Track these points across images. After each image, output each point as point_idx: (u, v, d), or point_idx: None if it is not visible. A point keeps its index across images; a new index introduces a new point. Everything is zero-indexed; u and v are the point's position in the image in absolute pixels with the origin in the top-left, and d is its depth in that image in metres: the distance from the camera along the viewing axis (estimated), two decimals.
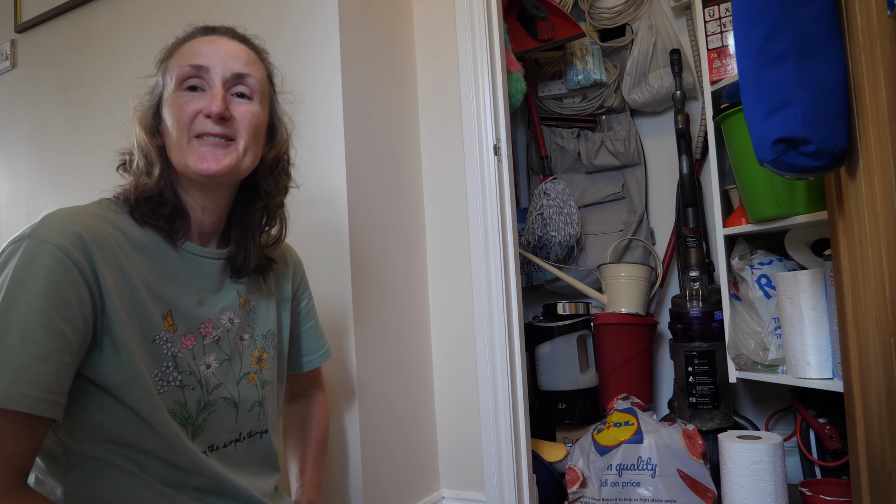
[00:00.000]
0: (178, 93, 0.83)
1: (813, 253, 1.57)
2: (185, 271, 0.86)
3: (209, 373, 0.85)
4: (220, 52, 0.85)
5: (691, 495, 1.55)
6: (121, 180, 0.87)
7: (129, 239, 0.80)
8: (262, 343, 0.95)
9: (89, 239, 0.74)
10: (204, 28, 0.90)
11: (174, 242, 0.85)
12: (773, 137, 0.85)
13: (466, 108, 1.63)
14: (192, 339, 0.84)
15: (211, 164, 0.81)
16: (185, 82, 0.84)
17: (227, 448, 0.87)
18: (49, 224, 0.73)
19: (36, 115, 2.01)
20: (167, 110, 0.84)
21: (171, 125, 0.83)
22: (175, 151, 0.83)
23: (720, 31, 1.73)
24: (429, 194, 1.69)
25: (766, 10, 0.84)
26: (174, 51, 0.88)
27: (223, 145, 0.83)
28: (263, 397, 0.93)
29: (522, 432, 1.57)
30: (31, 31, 2.04)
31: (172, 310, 0.83)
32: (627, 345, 2.11)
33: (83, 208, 0.80)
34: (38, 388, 0.68)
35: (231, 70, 0.85)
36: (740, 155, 1.55)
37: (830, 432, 1.57)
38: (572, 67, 2.38)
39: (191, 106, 0.82)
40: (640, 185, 2.37)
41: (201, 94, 0.84)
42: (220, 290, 0.90)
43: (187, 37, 0.89)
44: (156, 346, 0.80)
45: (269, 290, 0.99)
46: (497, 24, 1.66)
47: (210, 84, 0.84)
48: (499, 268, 1.57)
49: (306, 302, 1.09)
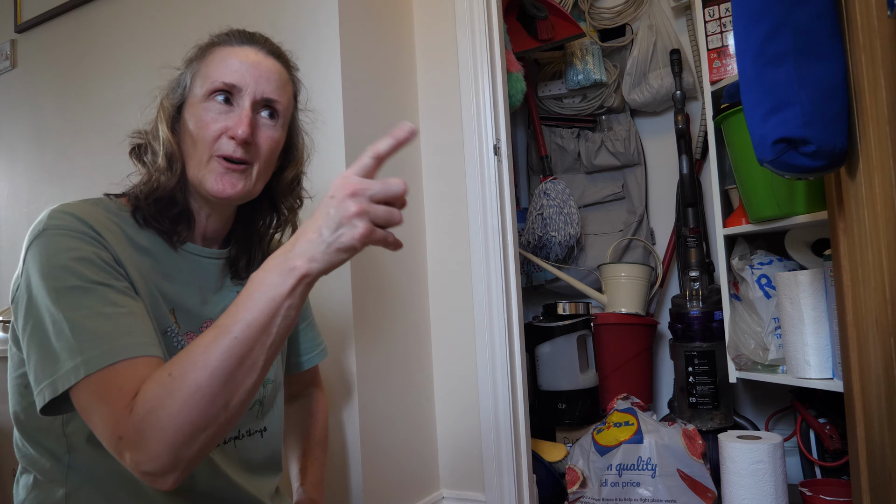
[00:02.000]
0: (206, 105, 0.82)
1: (813, 253, 1.57)
2: (187, 271, 0.86)
3: None
4: (253, 72, 0.83)
5: (691, 495, 1.55)
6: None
7: (129, 239, 0.80)
8: None
9: (99, 226, 0.75)
10: (241, 35, 0.87)
11: (174, 244, 0.85)
12: (773, 137, 0.85)
13: (466, 108, 1.63)
14: (193, 337, 0.84)
15: (226, 188, 0.81)
16: (214, 95, 0.82)
17: (226, 445, 0.87)
18: (57, 215, 0.73)
19: (36, 115, 2.01)
20: (190, 116, 0.83)
21: (194, 136, 0.82)
22: (193, 163, 0.83)
23: (720, 31, 1.73)
24: (429, 194, 1.68)
25: (766, 10, 0.84)
26: (207, 52, 0.85)
27: (241, 170, 0.82)
28: (263, 396, 0.93)
29: (522, 432, 1.57)
30: (31, 31, 2.04)
31: (175, 308, 0.83)
32: (627, 345, 2.11)
33: (84, 203, 0.79)
34: (140, 336, 0.68)
35: (262, 94, 0.83)
36: (740, 155, 1.55)
37: (830, 432, 1.57)
38: (572, 67, 2.38)
39: (217, 125, 0.81)
40: (640, 185, 2.37)
41: (228, 109, 0.82)
42: (221, 291, 0.90)
43: (222, 41, 0.87)
44: (168, 338, 0.79)
45: None
46: (497, 24, 1.66)
47: (238, 102, 0.83)
48: (499, 268, 1.57)
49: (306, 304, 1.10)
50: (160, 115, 0.84)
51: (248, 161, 0.83)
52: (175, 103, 0.85)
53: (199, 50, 0.86)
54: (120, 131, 0.91)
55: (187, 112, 0.83)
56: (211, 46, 0.86)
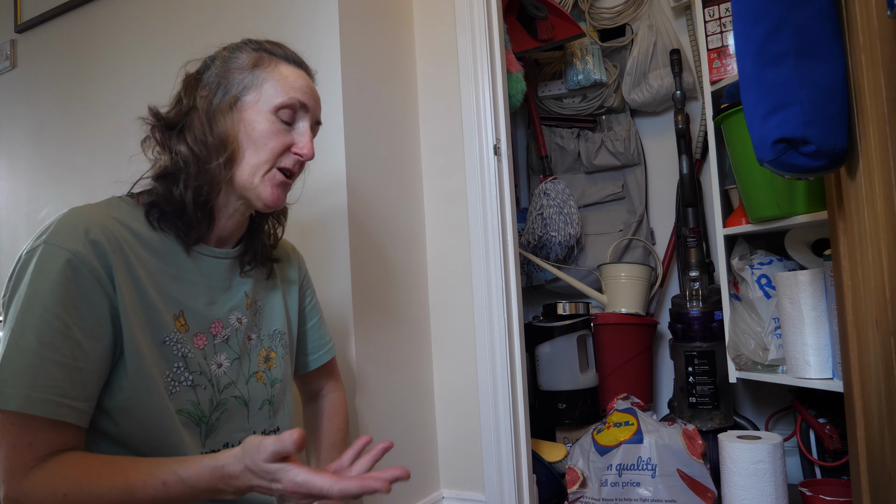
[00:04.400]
0: (272, 116, 0.84)
1: (813, 253, 1.57)
2: (196, 271, 0.86)
3: (220, 372, 0.86)
4: (313, 95, 0.89)
5: (691, 495, 1.55)
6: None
7: (139, 239, 0.80)
8: (269, 343, 0.95)
9: (105, 241, 0.74)
10: (294, 56, 0.90)
11: (188, 246, 0.85)
12: (773, 137, 0.85)
13: (466, 108, 1.63)
14: (203, 338, 0.85)
15: (280, 199, 0.87)
16: (284, 111, 0.85)
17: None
18: (63, 228, 0.74)
19: (36, 115, 2.01)
20: (247, 121, 0.83)
21: (256, 143, 0.83)
22: (247, 170, 0.84)
23: (720, 31, 1.73)
24: (429, 194, 1.69)
25: (767, 10, 0.84)
26: (265, 63, 0.86)
27: (290, 183, 0.89)
28: (273, 395, 0.94)
29: (522, 432, 1.57)
30: (31, 31, 2.04)
31: (184, 310, 0.83)
32: (627, 345, 2.11)
33: (95, 208, 0.79)
34: (54, 392, 0.69)
35: (316, 117, 0.91)
36: (740, 155, 1.55)
37: (830, 432, 1.57)
38: (572, 67, 2.38)
39: (284, 138, 0.85)
40: (640, 185, 2.37)
41: (288, 126, 0.86)
42: (229, 290, 0.90)
43: (277, 54, 0.88)
44: (166, 347, 0.80)
45: (274, 286, 0.99)
46: (497, 24, 1.66)
47: (300, 121, 0.87)
48: (499, 268, 1.57)
49: (310, 298, 1.10)
50: (202, 113, 0.83)
51: (296, 175, 0.89)
52: (223, 104, 0.84)
53: (253, 59, 0.86)
54: (120, 131, 0.91)
55: (240, 115, 0.84)
56: (267, 59, 0.87)
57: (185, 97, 0.85)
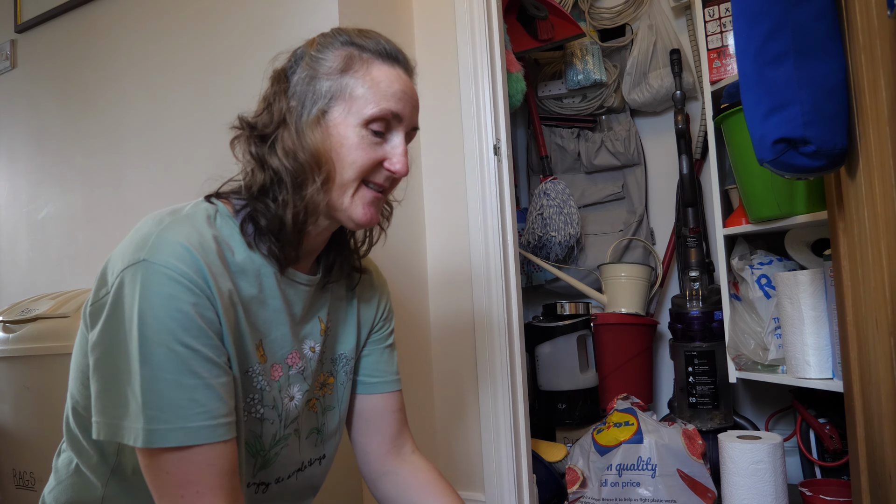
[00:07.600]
0: (364, 131, 0.75)
1: (813, 253, 1.57)
2: (280, 298, 0.79)
3: (292, 405, 0.81)
4: (409, 100, 0.78)
5: (691, 495, 1.55)
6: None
7: (237, 258, 0.74)
8: (330, 367, 0.89)
9: (204, 261, 0.68)
10: (390, 52, 0.79)
11: (283, 269, 0.78)
12: (773, 137, 0.85)
13: (466, 108, 1.63)
14: (279, 369, 0.79)
15: (373, 217, 0.78)
16: (375, 123, 0.75)
17: (289, 479, 0.84)
18: (164, 245, 0.67)
19: (36, 115, 2.01)
20: (336, 135, 0.75)
21: (343, 158, 0.75)
22: (337, 188, 0.76)
23: (720, 31, 1.73)
24: (429, 194, 1.69)
25: (766, 10, 0.84)
26: (355, 65, 0.76)
27: (382, 198, 0.80)
28: (323, 424, 0.88)
29: (522, 432, 1.57)
30: (31, 31, 2.04)
31: (264, 339, 0.77)
32: (627, 345, 2.11)
33: (192, 221, 0.72)
34: (208, 417, 0.65)
35: (412, 124, 0.80)
36: (740, 155, 1.55)
37: (830, 432, 1.57)
38: (572, 67, 2.38)
39: (375, 152, 0.76)
40: (640, 185, 2.37)
41: (380, 138, 0.77)
42: (308, 317, 0.84)
43: (368, 47, 0.78)
44: (248, 377, 0.75)
45: (350, 305, 0.92)
46: (497, 24, 1.66)
47: (394, 133, 0.78)
48: (499, 268, 1.57)
49: (389, 331, 0.99)
50: (305, 124, 0.75)
51: (389, 191, 0.81)
52: (308, 118, 0.75)
53: (344, 59, 0.76)
54: (120, 131, 0.90)
55: (328, 131, 0.75)
56: (361, 54, 0.77)
57: (273, 101, 0.77)
